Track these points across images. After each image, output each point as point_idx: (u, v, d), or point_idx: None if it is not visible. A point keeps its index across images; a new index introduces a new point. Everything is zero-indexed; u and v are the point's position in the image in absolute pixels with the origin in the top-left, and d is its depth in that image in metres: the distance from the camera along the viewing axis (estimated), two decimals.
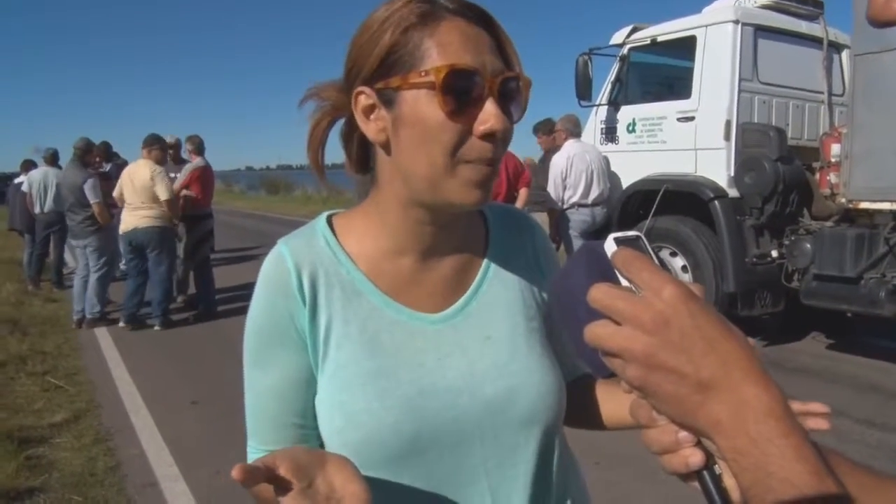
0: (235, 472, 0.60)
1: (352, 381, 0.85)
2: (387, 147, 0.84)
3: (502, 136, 0.79)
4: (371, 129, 0.84)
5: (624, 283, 0.52)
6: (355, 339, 0.86)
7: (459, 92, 0.77)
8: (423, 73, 0.77)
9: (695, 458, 0.49)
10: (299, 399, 0.88)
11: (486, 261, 0.96)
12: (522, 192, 6.25)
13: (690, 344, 0.47)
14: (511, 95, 0.81)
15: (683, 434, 0.50)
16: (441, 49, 0.78)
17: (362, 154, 0.92)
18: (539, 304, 0.97)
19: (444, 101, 0.76)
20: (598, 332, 0.50)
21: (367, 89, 0.82)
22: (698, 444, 0.50)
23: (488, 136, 0.78)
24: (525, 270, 0.98)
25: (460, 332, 0.90)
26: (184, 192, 7.11)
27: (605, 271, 0.53)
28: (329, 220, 0.94)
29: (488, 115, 0.78)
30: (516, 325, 0.93)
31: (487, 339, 0.90)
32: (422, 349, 0.88)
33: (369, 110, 0.83)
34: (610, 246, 0.54)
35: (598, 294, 0.50)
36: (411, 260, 0.90)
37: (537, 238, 1.02)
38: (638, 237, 0.55)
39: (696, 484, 0.51)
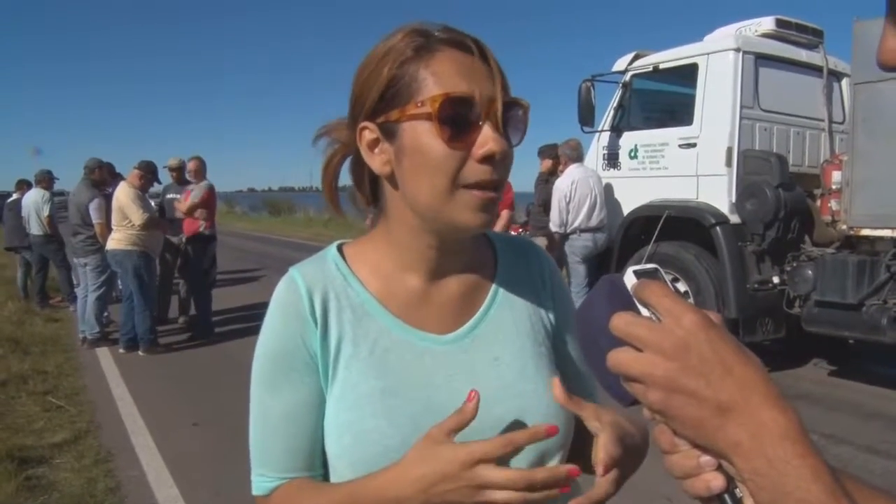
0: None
1: (360, 400, 0.86)
2: (392, 179, 0.86)
3: (501, 159, 0.81)
4: (376, 162, 0.86)
5: (644, 312, 0.54)
6: (364, 359, 0.88)
7: (455, 119, 0.79)
8: (419, 104, 0.80)
9: (716, 481, 0.51)
10: (311, 423, 0.89)
11: (494, 285, 0.97)
12: (504, 214, 6.24)
13: (709, 369, 0.49)
14: (508, 120, 0.83)
15: (705, 458, 0.51)
16: (436, 79, 0.80)
17: (373, 187, 0.94)
18: (547, 328, 0.98)
19: (441, 129, 0.79)
20: (620, 359, 0.52)
21: (370, 124, 0.85)
22: (719, 468, 0.51)
23: (487, 159, 0.80)
24: (533, 295, 0.99)
25: (469, 353, 0.91)
26: (198, 212, 7.16)
27: (625, 302, 0.55)
28: (340, 249, 0.96)
29: (486, 138, 0.80)
30: (524, 348, 0.94)
31: (495, 360, 0.92)
32: (430, 369, 0.89)
33: (373, 144, 0.86)
34: (630, 278, 0.56)
35: (620, 322, 0.52)
36: (420, 283, 0.92)
37: (544, 264, 1.03)
38: (656, 269, 0.57)
39: None
